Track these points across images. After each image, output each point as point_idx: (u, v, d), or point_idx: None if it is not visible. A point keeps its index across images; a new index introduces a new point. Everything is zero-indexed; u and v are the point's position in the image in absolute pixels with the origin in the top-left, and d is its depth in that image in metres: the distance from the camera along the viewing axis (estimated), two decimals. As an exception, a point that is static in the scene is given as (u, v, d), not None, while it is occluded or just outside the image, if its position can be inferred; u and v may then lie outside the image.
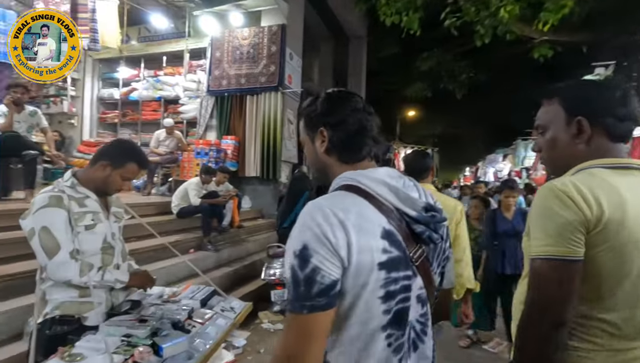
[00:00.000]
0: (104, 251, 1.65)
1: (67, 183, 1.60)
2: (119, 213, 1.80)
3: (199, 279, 3.96)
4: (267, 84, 6.38)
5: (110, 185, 1.64)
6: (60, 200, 1.53)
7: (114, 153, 1.67)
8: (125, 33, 7.79)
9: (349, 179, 0.80)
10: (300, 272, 0.69)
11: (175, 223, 4.58)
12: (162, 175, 6.69)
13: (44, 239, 1.47)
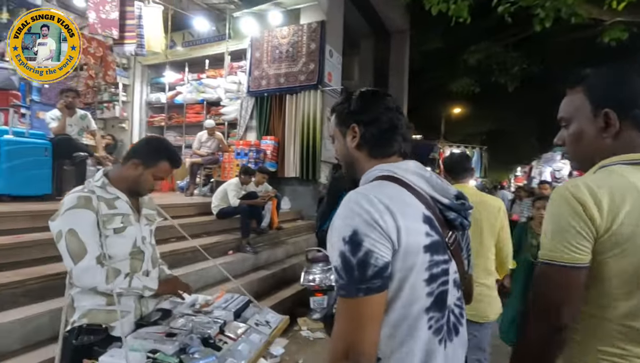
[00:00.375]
0: (133, 256, 1.55)
1: (97, 183, 1.52)
2: (150, 215, 1.70)
3: (235, 282, 3.89)
4: (307, 83, 6.25)
5: (142, 184, 1.55)
6: (89, 201, 1.44)
7: (145, 151, 1.57)
8: (171, 38, 8.06)
9: (384, 170, 0.83)
10: (353, 256, 0.70)
11: (216, 224, 4.56)
12: (204, 176, 6.80)
13: (70, 242, 1.39)
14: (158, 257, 1.74)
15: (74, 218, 1.41)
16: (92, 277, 1.40)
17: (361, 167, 0.91)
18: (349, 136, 0.92)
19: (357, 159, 0.91)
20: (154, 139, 1.69)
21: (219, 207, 4.50)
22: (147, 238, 1.62)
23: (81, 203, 1.43)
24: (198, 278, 3.41)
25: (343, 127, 0.94)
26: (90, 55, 6.68)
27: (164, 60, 8.08)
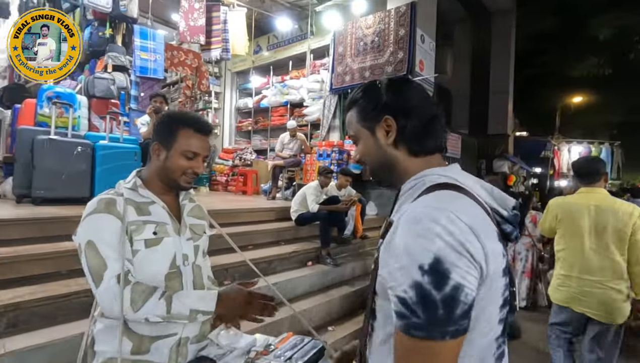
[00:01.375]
0: (168, 279, 1.14)
1: (128, 184, 1.17)
2: (197, 227, 1.27)
3: (319, 298, 3.47)
4: (395, 73, 5.57)
5: (172, 172, 1.16)
6: (111, 204, 1.09)
7: (161, 129, 1.19)
8: (257, 43, 8.20)
9: (441, 175, 0.71)
10: (437, 291, 0.56)
11: (294, 231, 4.21)
12: (286, 179, 6.62)
13: (89, 258, 1.04)
14: (205, 283, 1.28)
15: (93, 226, 1.07)
16: (111, 303, 1.02)
17: (402, 168, 0.77)
18: (381, 132, 0.78)
19: (396, 159, 0.77)
20: (166, 114, 1.27)
21: (298, 212, 4.14)
22: (189, 257, 1.20)
23: (101, 207, 1.08)
24: (272, 293, 3.04)
25: (371, 123, 0.79)
26: (187, 66, 7.08)
27: (250, 65, 8.29)
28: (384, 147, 0.78)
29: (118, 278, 1.03)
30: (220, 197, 6.10)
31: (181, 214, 1.23)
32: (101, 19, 4.69)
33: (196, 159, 1.17)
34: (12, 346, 1.77)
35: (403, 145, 0.77)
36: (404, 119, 0.76)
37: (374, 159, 0.80)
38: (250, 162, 7.81)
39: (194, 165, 1.17)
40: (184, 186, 1.19)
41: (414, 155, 0.77)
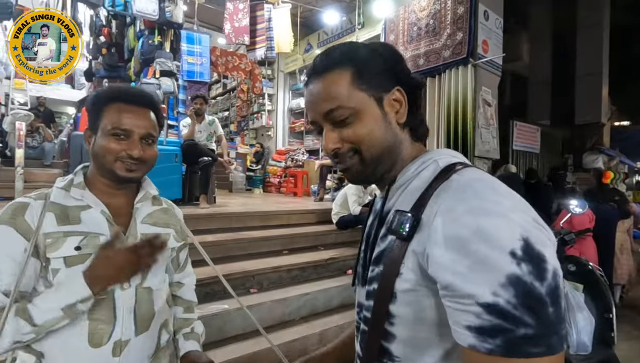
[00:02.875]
0: (94, 309, 0.84)
1: (61, 182, 0.92)
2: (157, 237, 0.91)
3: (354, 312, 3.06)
4: (453, 58, 4.92)
5: (102, 157, 0.88)
6: (19, 211, 0.85)
7: (88, 111, 0.94)
8: (307, 42, 8.04)
9: (453, 156, 0.60)
10: (540, 282, 0.42)
11: (335, 235, 3.87)
12: (336, 179, 6.31)
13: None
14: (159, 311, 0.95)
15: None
16: None
17: (404, 155, 0.62)
18: (389, 106, 0.60)
19: (402, 144, 0.61)
20: (94, 92, 1.02)
21: (339, 214, 3.78)
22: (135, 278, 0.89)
23: (6, 214, 0.84)
24: (302, 304, 2.74)
25: (378, 90, 0.59)
26: (242, 70, 7.19)
27: (302, 65, 8.16)
28: (393, 124, 0.60)
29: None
30: (269, 199, 6.00)
31: (131, 220, 0.95)
32: (150, 28, 4.88)
33: (130, 140, 0.88)
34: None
35: (408, 127, 0.63)
36: (414, 95, 0.62)
37: (379, 143, 0.59)
38: (301, 162, 7.65)
39: (126, 146, 0.88)
40: (123, 175, 0.89)
41: (416, 140, 0.64)
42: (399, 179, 0.60)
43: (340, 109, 0.57)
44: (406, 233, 0.51)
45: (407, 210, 0.53)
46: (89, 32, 6.33)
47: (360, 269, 0.65)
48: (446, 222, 0.47)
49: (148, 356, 0.93)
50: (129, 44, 5.70)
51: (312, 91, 0.61)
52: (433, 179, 0.55)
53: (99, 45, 6.11)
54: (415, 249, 0.50)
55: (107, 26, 6.13)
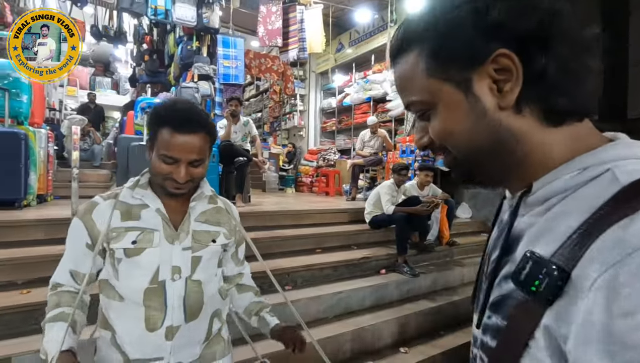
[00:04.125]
0: (147, 297, 0.94)
1: (129, 183, 1.03)
2: (203, 234, 1.03)
3: (390, 312, 3.05)
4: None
5: (155, 175, 0.97)
6: (89, 209, 0.99)
7: (147, 126, 1.07)
8: (339, 41, 8.04)
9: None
10: None
11: (368, 235, 3.85)
12: (368, 179, 6.27)
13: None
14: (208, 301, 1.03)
15: (70, 230, 1.01)
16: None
17: (529, 149, 0.39)
18: (484, 86, 0.39)
19: (518, 133, 0.39)
20: (153, 107, 1.06)
21: (372, 214, 3.76)
22: (183, 270, 0.98)
23: (81, 211, 1.01)
24: (336, 303, 2.76)
25: (462, 70, 0.39)
26: (274, 72, 7.35)
27: (333, 64, 8.18)
28: (491, 113, 0.40)
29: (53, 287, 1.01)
30: (301, 198, 6.08)
31: (185, 218, 1.02)
32: (189, 34, 5.10)
33: (177, 165, 0.93)
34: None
35: (535, 105, 0.39)
36: (541, 49, 0.37)
37: (464, 142, 0.42)
38: (333, 162, 7.68)
39: (173, 171, 0.93)
40: (172, 192, 0.97)
41: (553, 122, 0.39)
42: (536, 189, 0.40)
43: (413, 105, 0.45)
44: (542, 295, 0.33)
45: (548, 257, 0.33)
46: (132, 40, 6.71)
47: (480, 296, 0.46)
48: (614, 313, 0.28)
49: (199, 341, 1.02)
50: (169, 50, 5.99)
51: (393, 78, 0.49)
52: (602, 206, 0.33)
53: (141, 52, 6.46)
54: (551, 326, 0.32)
55: (149, 34, 6.46)
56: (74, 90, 10.33)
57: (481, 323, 0.44)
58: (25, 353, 1.72)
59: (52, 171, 4.03)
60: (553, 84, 0.38)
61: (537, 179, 0.39)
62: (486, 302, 0.43)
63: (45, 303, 0.99)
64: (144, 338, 0.95)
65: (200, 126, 0.95)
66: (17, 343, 1.80)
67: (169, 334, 0.96)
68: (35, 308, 1.98)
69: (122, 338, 0.95)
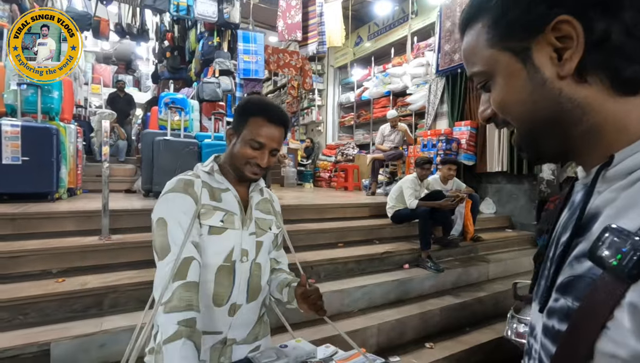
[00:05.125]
0: (219, 273, 1.03)
1: (205, 168, 1.10)
2: (263, 222, 1.14)
3: (413, 307, 3.01)
4: (517, 42, 4.58)
5: (237, 159, 1.06)
6: (189, 184, 1.04)
7: (236, 114, 1.11)
8: (357, 35, 7.96)
9: None
10: None
11: (390, 230, 3.81)
12: (388, 174, 6.21)
13: (157, 235, 0.98)
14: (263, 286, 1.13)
15: (167, 204, 1.01)
16: (157, 288, 0.94)
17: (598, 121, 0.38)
18: (544, 54, 0.38)
19: (583, 103, 0.38)
20: (243, 99, 1.18)
21: (394, 208, 3.72)
22: (250, 254, 1.08)
23: (179, 186, 1.03)
24: (360, 297, 2.75)
25: (521, 39, 0.39)
26: (292, 67, 7.32)
27: (351, 58, 8.09)
28: (550, 82, 0.40)
29: (175, 265, 0.94)
30: (320, 193, 6.07)
31: (250, 207, 1.13)
32: (210, 30, 5.13)
33: (262, 150, 1.05)
34: (107, 325, 1.93)
35: (602, 73, 0.37)
36: (604, 14, 0.36)
37: (527, 109, 0.41)
38: (352, 157, 7.63)
39: (257, 156, 1.04)
40: (249, 176, 1.07)
41: (625, 92, 0.37)
42: (618, 162, 0.37)
43: (475, 76, 0.45)
44: (624, 270, 0.31)
45: (634, 231, 0.31)
46: (155, 37, 6.82)
47: (542, 282, 0.44)
48: None
49: (252, 322, 1.11)
50: (190, 47, 6.06)
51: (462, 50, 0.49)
52: None
53: (163, 49, 6.57)
54: (637, 302, 0.30)
55: (171, 31, 6.55)
56: (98, 88, 10.61)
57: (545, 308, 0.41)
58: (63, 339, 1.78)
59: (81, 165, 4.16)
60: (620, 50, 0.36)
61: (615, 152, 0.37)
62: (552, 285, 0.41)
63: (79, 292, 1.01)
64: (210, 312, 1.01)
65: (285, 122, 1.08)
66: (54, 329, 1.86)
67: (232, 311, 1.05)
68: (71, 296, 2.06)
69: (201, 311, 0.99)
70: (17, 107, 3.23)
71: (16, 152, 3.07)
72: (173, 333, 0.86)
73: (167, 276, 0.91)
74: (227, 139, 1.10)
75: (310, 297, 1.07)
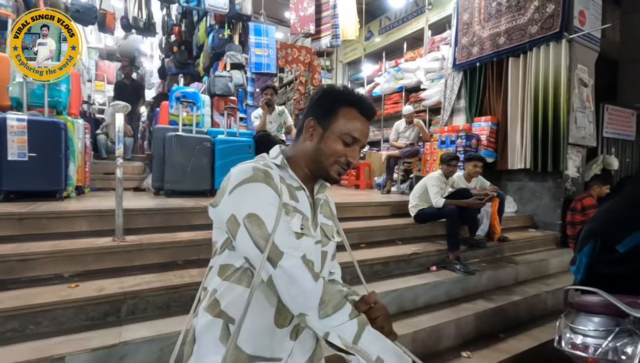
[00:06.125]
0: None
1: (276, 159, 0.92)
2: (328, 228, 0.98)
3: (446, 313, 2.84)
4: (542, 34, 4.39)
5: (326, 156, 0.89)
6: (268, 176, 0.83)
7: (319, 104, 0.92)
8: (368, 29, 7.77)
9: None
10: None
11: (414, 230, 3.63)
12: (402, 171, 6.03)
13: (256, 234, 0.76)
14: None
15: (253, 196, 0.80)
16: (309, 293, 0.74)
17: None
18: None
19: None
20: (325, 87, 0.97)
21: (418, 207, 3.54)
22: (315, 266, 0.88)
23: (259, 176, 0.82)
24: (389, 302, 2.58)
25: None
26: (301, 63, 7.15)
27: (362, 53, 7.92)
28: None
29: (304, 260, 0.76)
30: (333, 192, 5.89)
31: (315, 210, 0.94)
32: (220, 22, 4.95)
33: (354, 146, 0.90)
34: (127, 336, 1.76)
35: None
36: None
37: None
38: (363, 154, 7.45)
39: (350, 153, 0.90)
40: (334, 177, 0.92)
41: None
42: None
43: None
44: None
45: None
46: (161, 31, 6.64)
47: None
48: None
49: (313, 346, 0.95)
50: (198, 41, 5.88)
51: None
52: None
53: (170, 44, 6.39)
54: None
55: (178, 25, 6.37)
56: (102, 85, 10.43)
57: None
58: (80, 352, 1.61)
59: (89, 163, 3.99)
60: None
61: None
62: None
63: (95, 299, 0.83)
64: (269, 333, 0.83)
65: (374, 116, 0.95)
66: (69, 340, 1.70)
67: (294, 333, 0.87)
68: (88, 303, 1.89)
69: (243, 329, 0.80)
70: (22, 100, 3.05)
71: (22, 148, 2.89)
72: (357, 327, 0.75)
73: (303, 270, 0.75)
74: (305, 131, 0.91)
75: (378, 318, 0.86)
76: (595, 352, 1.85)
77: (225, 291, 0.86)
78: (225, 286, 0.86)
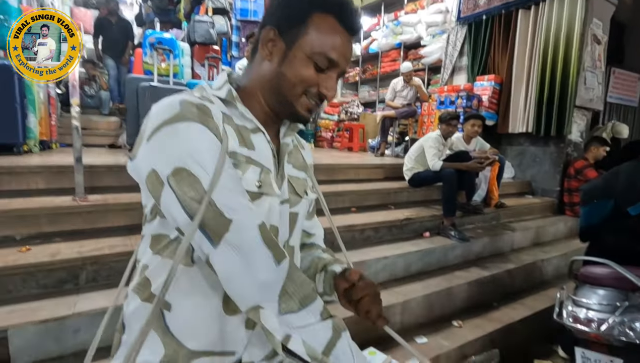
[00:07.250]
0: None
1: (220, 91, 0.65)
2: (298, 183, 0.73)
3: (438, 281, 2.71)
4: (558, -18, 3.98)
5: (289, 85, 0.63)
6: (205, 112, 0.58)
7: (283, 5, 0.64)
8: (367, -22, 7.14)
9: None
10: None
11: (408, 194, 3.44)
12: (397, 134, 5.75)
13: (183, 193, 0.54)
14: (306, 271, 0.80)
15: (179, 142, 0.55)
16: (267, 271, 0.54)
17: None
18: None
19: None
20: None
21: (413, 170, 3.32)
22: (281, 232, 0.69)
23: (191, 113, 0.56)
24: (381, 269, 2.42)
25: None
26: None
27: (359, 5, 7.32)
28: None
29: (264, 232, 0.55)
30: (324, 154, 5.63)
31: (282, 157, 0.70)
32: (202, -41, 4.40)
33: (329, 73, 0.63)
34: (83, 306, 1.55)
35: None
36: None
37: None
38: (357, 115, 7.11)
39: (324, 81, 0.63)
40: (302, 114, 0.66)
41: None
42: None
43: None
44: None
45: None
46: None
47: None
48: None
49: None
50: (178, -16, 5.29)
51: None
52: None
53: (148, -13, 5.76)
54: None
55: (156, -36, 5.72)
56: (78, 35, 9.67)
57: None
58: (26, 324, 1.41)
59: (55, 115, 3.63)
60: None
61: None
62: None
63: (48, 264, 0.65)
64: (216, 322, 0.63)
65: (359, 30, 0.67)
66: (16, 311, 1.49)
67: (251, 321, 0.65)
68: (39, 269, 1.67)
69: (179, 319, 0.63)
70: (-33, 39, 2.66)
71: (-30, 95, 2.55)
72: (331, 331, 0.56)
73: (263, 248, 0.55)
74: (261, 46, 0.64)
75: (363, 298, 0.64)
76: (599, 327, 1.72)
77: (157, 268, 0.63)
78: (157, 261, 0.63)
